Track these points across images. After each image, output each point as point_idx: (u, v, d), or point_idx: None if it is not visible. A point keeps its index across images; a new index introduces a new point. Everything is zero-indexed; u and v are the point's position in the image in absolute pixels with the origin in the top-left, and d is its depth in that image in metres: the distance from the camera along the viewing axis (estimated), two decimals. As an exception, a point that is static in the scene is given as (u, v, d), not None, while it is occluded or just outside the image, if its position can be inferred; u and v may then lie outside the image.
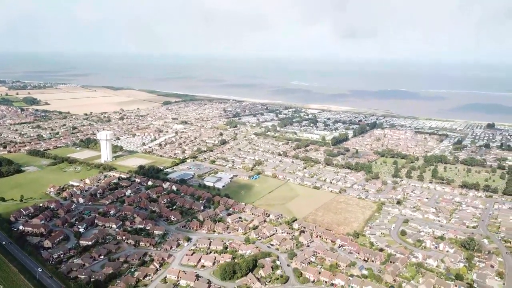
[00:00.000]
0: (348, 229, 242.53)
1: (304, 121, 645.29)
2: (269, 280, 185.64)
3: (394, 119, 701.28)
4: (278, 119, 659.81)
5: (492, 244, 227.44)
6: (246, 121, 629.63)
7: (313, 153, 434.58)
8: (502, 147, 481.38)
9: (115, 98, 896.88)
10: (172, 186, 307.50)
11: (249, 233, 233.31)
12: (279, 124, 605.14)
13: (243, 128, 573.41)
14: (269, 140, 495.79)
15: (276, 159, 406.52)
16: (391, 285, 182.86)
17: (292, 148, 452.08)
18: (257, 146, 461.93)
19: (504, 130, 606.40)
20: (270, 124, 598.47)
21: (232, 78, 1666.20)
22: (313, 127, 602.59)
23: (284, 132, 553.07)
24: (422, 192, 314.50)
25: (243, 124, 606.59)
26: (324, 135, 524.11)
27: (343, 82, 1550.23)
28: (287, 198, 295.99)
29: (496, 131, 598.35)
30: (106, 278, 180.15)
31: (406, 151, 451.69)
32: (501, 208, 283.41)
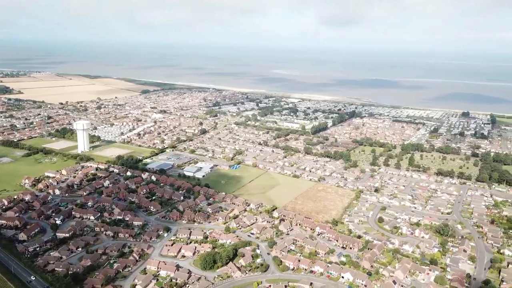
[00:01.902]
0: (327, 216, 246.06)
1: (284, 111, 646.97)
2: (250, 269, 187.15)
3: (373, 108, 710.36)
4: (258, 108, 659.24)
5: (465, 230, 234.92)
6: (227, 110, 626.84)
7: (293, 142, 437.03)
8: (476, 135, 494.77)
9: (92, 86, 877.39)
10: (152, 177, 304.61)
11: (230, 222, 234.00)
12: (260, 113, 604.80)
13: (223, 118, 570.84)
14: (250, 130, 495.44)
15: (257, 148, 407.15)
16: (369, 271, 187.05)
17: (272, 138, 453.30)
18: (237, 136, 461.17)
19: (478, 118, 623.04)
20: (250, 114, 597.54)
21: (213, 67, 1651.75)
22: (293, 116, 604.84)
23: (265, 121, 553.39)
24: (399, 180, 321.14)
25: (223, 113, 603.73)
26: (304, 124, 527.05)
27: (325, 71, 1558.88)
28: (267, 187, 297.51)
29: (471, 119, 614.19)
30: (84, 270, 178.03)
31: (384, 139, 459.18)
32: (474, 194, 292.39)
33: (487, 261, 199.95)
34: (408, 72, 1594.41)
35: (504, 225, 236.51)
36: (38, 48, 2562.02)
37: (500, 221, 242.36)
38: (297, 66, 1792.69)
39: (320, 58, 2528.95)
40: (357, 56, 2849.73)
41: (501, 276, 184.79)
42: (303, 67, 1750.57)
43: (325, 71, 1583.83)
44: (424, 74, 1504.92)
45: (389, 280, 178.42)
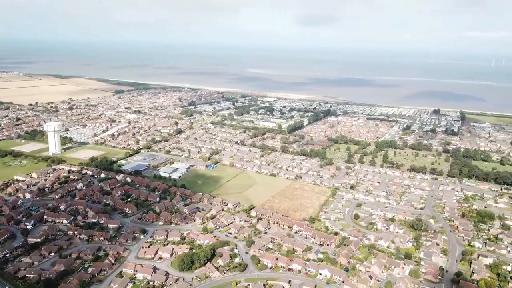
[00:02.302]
0: (304, 214, 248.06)
1: (260, 110, 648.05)
2: (228, 269, 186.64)
3: (347, 106, 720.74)
4: (234, 108, 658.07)
5: (438, 224, 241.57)
6: (202, 110, 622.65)
7: (270, 141, 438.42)
8: (446, 131, 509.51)
9: (63, 87, 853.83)
10: (127, 178, 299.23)
11: (207, 222, 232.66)
12: (236, 112, 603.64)
13: (199, 117, 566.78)
14: (226, 129, 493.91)
15: (234, 147, 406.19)
16: (346, 267, 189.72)
17: (249, 137, 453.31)
18: (214, 135, 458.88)
19: (448, 115, 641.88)
20: (226, 113, 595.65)
21: (188, 66, 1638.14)
22: (269, 115, 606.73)
23: (241, 120, 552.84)
24: (373, 177, 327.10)
25: (199, 112, 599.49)
26: (280, 123, 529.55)
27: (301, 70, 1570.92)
28: (244, 187, 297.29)
29: (441, 116, 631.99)
30: (58, 276, 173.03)
31: (358, 137, 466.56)
32: (445, 189, 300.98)
33: (459, 254, 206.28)
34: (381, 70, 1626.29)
35: (474, 219, 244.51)
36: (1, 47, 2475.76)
37: (470, 215, 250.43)
38: (273, 65, 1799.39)
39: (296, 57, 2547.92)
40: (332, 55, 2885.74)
41: (472, 268, 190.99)
42: (279, 66, 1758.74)
43: (300, 70, 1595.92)
44: (397, 72, 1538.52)
45: (365, 275, 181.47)
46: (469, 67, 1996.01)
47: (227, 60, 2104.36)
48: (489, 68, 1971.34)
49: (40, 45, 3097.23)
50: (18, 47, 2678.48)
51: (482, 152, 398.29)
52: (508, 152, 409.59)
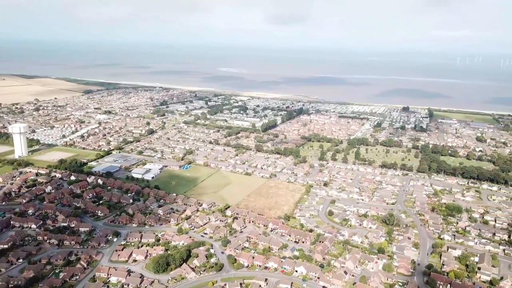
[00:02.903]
0: (280, 212, 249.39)
1: (234, 109, 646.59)
2: (204, 269, 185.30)
3: (319, 104, 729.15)
4: (207, 107, 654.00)
5: (409, 218, 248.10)
6: (175, 109, 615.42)
7: (244, 140, 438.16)
8: (415, 128, 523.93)
9: (29, 87, 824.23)
10: (98, 180, 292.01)
11: (182, 223, 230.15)
12: (209, 111, 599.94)
13: (171, 117, 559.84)
14: (199, 128, 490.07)
15: (207, 147, 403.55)
16: (321, 263, 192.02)
17: (223, 136, 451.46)
18: (187, 135, 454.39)
19: (417, 112, 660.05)
20: (199, 112, 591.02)
21: (160, 65, 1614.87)
22: (243, 114, 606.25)
23: (215, 119, 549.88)
24: (346, 174, 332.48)
25: (172, 112, 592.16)
26: (254, 122, 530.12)
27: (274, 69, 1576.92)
28: (219, 186, 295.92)
29: (411, 113, 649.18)
30: (27, 282, 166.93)
31: (331, 135, 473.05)
32: (415, 184, 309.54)
33: (429, 247, 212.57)
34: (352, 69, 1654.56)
35: (443, 212, 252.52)
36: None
37: (440, 209, 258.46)
38: (245, 64, 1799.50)
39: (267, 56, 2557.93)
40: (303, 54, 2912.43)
41: (442, 260, 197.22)
42: (252, 65, 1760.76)
43: (273, 69, 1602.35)
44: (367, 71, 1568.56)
45: (340, 271, 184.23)
46: (436, 65, 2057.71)
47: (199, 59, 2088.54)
48: (454, 66, 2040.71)
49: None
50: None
51: (449, 148, 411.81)
52: (473, 147, 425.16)
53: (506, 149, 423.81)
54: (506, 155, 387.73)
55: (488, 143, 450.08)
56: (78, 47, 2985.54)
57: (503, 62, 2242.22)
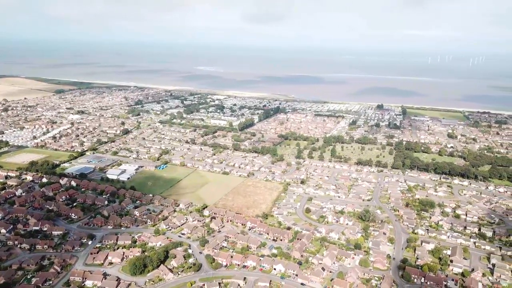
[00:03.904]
0: (258, 211, 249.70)
1: (211, 108, 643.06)
2: (182, 270, 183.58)
3: (296, 103, 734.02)
4: (184, 106, 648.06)
5: (384, 214, 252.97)
6: (150, 109, 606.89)
7: (221, 139, 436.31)
8: (389, 126, 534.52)
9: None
10: (71, 182, 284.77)
11: (159, 224, 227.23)
12: (185, 111, 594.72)
13: (146, 116, 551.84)
14: (176, 128, 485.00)
15: (184, 147, 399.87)
16: (299, 261, 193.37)
17: (200, 135, 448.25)
18: (163, 135, 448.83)
19: (391, 110, 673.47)
20: (175, 111, 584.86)
21: (136, 64, 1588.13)
22: (220, 113, 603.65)
23: (191, 119, 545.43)
24: (323, 171, 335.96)
25: (147, 112, 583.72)
26: (231, 121, 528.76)
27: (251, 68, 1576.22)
28: (197, 186, 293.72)
29: (385, 111, 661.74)
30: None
31: (307, 133, 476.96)
32: (390, 181, 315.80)
33: (404, 241, 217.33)
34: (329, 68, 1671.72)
35: (417, 207, 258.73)
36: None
37: (414, 204, 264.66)
38: (222, 63, 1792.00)
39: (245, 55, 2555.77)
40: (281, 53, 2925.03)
41: (416, 254, 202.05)
42: (229, 64, 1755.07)
43: (250, 67, 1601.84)
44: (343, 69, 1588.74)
45: (318, 267, 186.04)
46: (409, 64, 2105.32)
47: (175, 58, 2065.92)
48: (426, 64, 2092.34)
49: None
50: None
51: (422, 144, 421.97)
52: (445, 143, 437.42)
53: (475, 145, 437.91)
54: (476, 151, 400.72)
55: (459, 139, 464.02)
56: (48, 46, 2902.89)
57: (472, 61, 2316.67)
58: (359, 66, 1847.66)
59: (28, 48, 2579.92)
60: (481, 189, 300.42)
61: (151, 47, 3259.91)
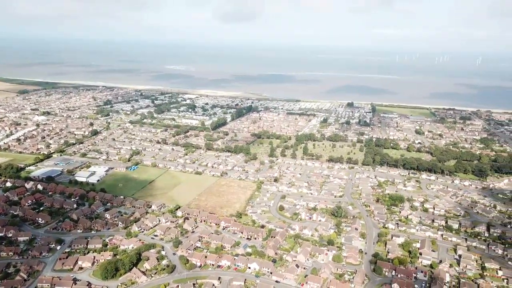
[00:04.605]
0: (231, 210, 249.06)
1: (182, 107, 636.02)
2: (155, 272, 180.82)
3: (268, 102, 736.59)
4: (154, 106, 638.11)
5: (356, 210, 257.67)
6: (119, 109, 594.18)
7: (193, 139, 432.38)
8: (360, 123, 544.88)
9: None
10: (37, 185, 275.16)
11: (131, 226, 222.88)
12: (156, 110, 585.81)
13: (116, 117, 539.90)
14: (146, 128, 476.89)
15: (155, 147, 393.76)
16: (273, 259, 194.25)
17: (171, 135, 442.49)
18: (133, 135, 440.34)
19: (361, 108, 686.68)
20: (146, 111, 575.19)
21: (105, 63, 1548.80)
22: (191, 112, 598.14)
23: (162, 118, 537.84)
24: (295, 169, 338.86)
25: (116, 112, 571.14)
26: (203, 120, 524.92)
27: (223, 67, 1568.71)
28: (169, 187, 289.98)
29: (355, 109, 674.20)
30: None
31: (280, 131, 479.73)
32: (361, 177, 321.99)
33: (375, 236, 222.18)
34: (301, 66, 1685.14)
35: (387, 203, 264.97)
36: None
37: (384, 199, 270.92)
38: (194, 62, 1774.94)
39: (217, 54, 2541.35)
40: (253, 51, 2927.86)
41: (387, 248, 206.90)
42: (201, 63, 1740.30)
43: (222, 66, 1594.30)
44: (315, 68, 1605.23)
45: (292, 264, 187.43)
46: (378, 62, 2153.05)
47: (145, 57, 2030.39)
48: (394, 63, 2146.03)
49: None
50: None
51: (391, 141, 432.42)
52: (413, 140, 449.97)
53: (442, 140, 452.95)
54: (442, 146, 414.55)
55: (426, 135, 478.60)
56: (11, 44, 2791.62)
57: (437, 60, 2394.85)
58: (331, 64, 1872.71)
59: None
60: (447, 183, 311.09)
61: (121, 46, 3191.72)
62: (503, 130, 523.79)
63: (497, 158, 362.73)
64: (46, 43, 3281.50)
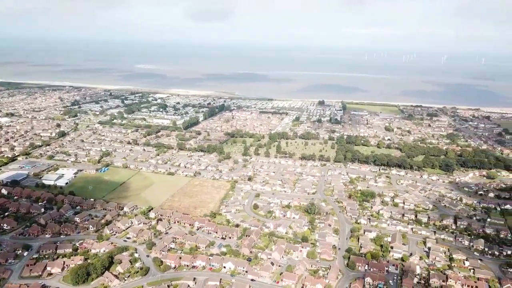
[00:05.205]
0: (205, 210, 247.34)
1: (153, 107, 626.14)
2: (129, 275, 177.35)
3: (241, 101, 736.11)
4: (124, 106, 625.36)
5: (329, 206, 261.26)
6: (88, 109, 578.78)
7: (165, 139, 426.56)
8: (331, 121, 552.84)
9: None
10: (1, 190, 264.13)
11: (102, 229, 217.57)
12: (126, 110, 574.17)
13: (85, 117, 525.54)
14: (116, 129, 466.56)
15: (126, 148, 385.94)
16: (249, 257, 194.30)
17: (142, 135, 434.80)
18: (103, 136, 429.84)
19: (332, 106, 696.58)
20: (116, 111, 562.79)
21: (72, 63, 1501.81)
22: (163, 112, 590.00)
23: (132, 119, 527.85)
24: (269, 167, 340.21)
25: (85, 112, 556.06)
26: (175, 120, 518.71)
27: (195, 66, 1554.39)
28: (141, 188, 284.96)
29: (326, 107, 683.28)
30: None
31: (253, 130, 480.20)
32: (333, 174, 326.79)
33: (348, 232, 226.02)
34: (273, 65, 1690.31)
35: (359, 198, 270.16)
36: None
37: (356, 195, 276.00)
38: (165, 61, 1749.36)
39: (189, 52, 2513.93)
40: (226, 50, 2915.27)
41: (360, 243, 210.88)
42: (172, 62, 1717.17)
43: (194, 65, 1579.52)
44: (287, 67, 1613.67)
45: (267, 262, 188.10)
46: (347, 61, 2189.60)
47: (115, 56, 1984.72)
48: (363, 61, 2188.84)
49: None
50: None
51: (362, 138, 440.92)
52: (383, 136, 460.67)
53: (410, 136, 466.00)
54: (410, 142, 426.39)
55: (395, 132, 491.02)
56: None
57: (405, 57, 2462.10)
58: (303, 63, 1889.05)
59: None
60: (416, 178, 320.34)
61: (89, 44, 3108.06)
62: (467, 126, 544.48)
63: (462, 153, 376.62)
64: (3, 39, 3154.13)
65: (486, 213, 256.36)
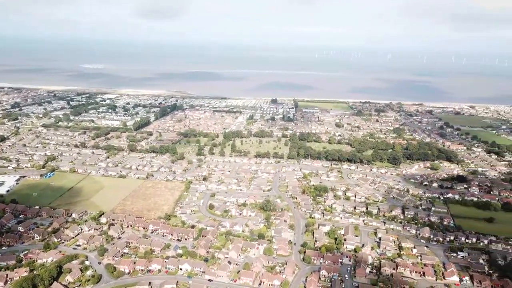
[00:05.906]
0: (159, 212, 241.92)
1: (101, 108, 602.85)
2: (79, 284, 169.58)
3: (193, 100, 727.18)
4: (70, 107, 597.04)
5: (284, 202, 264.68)
6: (30, 112, 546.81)
7: (115, 141, 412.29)
8: (284, 118, 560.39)
9: None
10: None
11: (49, 238, 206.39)
12: (72, 112, 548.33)
13: (26, 120, 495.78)
14: (62, 131, 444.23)
15: (73, 151, 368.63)
16: (205, 258, 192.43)
17: (90, 138, 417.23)
18: (47, 140, 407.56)
19: (284, 104, 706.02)
20: (61, 113, 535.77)
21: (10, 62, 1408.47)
22: (112, 113, 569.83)
23: (79, 121, 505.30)
24: (224, 166, 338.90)
25: (27, 115, 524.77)
26: (125, 121, 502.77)
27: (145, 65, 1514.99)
28: (90, 192, 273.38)
29: (279, 105, 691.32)
30: None
31: (207, 129, 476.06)
32: (287, 170, 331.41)
33: (303, 227, 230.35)
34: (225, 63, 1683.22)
35: (312, 193, 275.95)
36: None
37: (309, 190, 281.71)
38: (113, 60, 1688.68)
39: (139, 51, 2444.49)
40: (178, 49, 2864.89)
41: (315, 237, 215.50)
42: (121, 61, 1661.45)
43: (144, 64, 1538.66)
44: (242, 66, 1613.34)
45: (224, 261, 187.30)
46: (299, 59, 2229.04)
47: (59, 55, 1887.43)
48: (313, 59, 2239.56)
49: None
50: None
51: (313, 135, 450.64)
52: (333, 132, 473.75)
53: (359, 132, 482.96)
54: (360, 138, 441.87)
55: (345, 127, 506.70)
56: None
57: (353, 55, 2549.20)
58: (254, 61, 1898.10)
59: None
60: (366, 172, 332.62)
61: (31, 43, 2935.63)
62: (412, 120, 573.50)
63: (408, 146, 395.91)
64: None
65: (430, 202, 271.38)
